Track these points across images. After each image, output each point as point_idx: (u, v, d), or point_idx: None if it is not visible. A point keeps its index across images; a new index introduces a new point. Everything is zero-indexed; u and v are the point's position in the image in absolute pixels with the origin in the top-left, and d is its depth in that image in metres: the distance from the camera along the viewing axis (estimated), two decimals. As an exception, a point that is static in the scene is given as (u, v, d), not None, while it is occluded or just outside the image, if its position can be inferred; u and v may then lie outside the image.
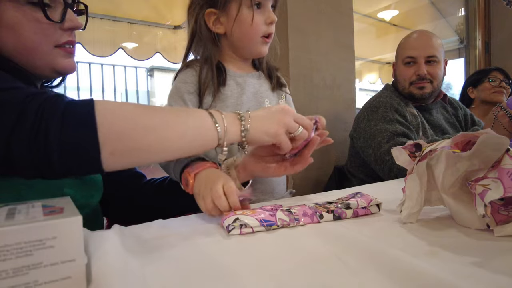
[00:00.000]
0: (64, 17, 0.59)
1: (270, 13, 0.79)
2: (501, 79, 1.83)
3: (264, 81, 0.89)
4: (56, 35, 0.59)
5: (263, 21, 0.79)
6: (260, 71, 0.90)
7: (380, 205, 0.56)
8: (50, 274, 0.29)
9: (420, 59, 1.30)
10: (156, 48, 2.98)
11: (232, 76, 0.85)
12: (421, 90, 1.30)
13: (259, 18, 0.78)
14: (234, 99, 0.83)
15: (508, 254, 0.37)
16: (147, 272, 0.35)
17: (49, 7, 0.57)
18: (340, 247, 0.41)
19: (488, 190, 0.40)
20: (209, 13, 0.80)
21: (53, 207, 0.34)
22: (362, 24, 3.49)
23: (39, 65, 0.58)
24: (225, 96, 0.82)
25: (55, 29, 0.58)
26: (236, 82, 0.85)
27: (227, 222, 0.48)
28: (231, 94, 0.83)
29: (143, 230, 0.50)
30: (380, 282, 0.31)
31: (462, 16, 2.95)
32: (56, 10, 0.59)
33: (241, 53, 0.85)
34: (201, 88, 0.80)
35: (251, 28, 0.78)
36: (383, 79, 4.29)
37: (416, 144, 0.52)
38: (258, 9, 0.78)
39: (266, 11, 0.79)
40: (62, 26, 0.59)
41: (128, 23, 2.89)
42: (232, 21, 0.79)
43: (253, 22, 0.77)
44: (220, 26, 0.81)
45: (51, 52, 0.59)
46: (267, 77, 0.90)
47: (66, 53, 0.61)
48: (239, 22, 0.79)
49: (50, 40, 0.58)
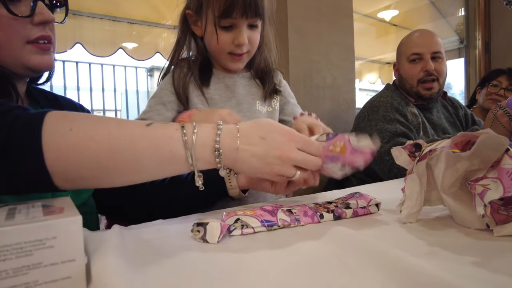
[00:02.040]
0: (34, 11, 0.55)
1: (240, 36, 0.73)
2: (505, 86, 1.74)
3: (256, 84, 0.86)
4: (25, 31, 0.55)
5: (230, 41, 0.74)
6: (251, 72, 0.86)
7: (379, 205, 0.56)
8: (50, 274, 0.29)
9: (426, 55, 1.30)
10: (156, 48, 2.98)
11: (221, 78, 0.82)
12: (429, 91, 1.31)
13: (226, 38, 0.74)
14: (223, 103, 0.80)
15: (508, 254, 0.37)
16: (147, 272, 0.35)
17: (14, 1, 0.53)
18: (340, 247, 0.41)
19: (487, 190, 0.40)
20: (190, 15, 0.79)
21: (53, 207, 0.34)
22: (362, 24, 3.49)
23: (9, 62, 0.55)
24: (214, 101, 0.79)
25: (24, 24, 0.55)
26: (225, 84, 0.82)
27: (229, 222, 0.48)
28: (220, 98, 0.80)
29: (143, 230, 0.50)
30: (380, 282, 0.31)
31: (462, 16, 2.95)
32: (24, 3, 0.55)
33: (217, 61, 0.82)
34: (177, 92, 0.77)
35: (216, 45, 0.75)
36: (383, 79, 4.29)
37: (415, 144, 0.52)
38: (227, 30, 0.74)
39: (237, 32, 0.74)
40: (32, 21, 0.56)
41: (128, 23, 2.89)
42: (203, 31, 0.77)
43: (218, 41, 0.74)
44: (197, 28, 0.79)
45: (22, 48, 0.55)
46: (260, 81, 0.86)
47: (40, 50, 0.57)
48: (206, 36, 0.76)
49: (20, 36, 0.55)
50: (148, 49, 2.98)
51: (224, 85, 0.82)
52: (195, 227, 0.45)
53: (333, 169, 0.53)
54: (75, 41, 2.63)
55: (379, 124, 1.22)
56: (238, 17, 0.72)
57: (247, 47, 0.77)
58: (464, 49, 2.90)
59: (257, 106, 0.84)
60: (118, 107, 4.37)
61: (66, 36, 2.59)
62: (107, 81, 3.97)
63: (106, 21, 2.80)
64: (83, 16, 2.69)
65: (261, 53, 0.84)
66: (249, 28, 0.75)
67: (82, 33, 2.67)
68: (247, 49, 0.77)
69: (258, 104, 0.84)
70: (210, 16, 0.72)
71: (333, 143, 0.51)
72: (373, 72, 4.45)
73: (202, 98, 0.79)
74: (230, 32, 0.74)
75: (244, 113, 0.82)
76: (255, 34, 0.77)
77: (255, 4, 0.71)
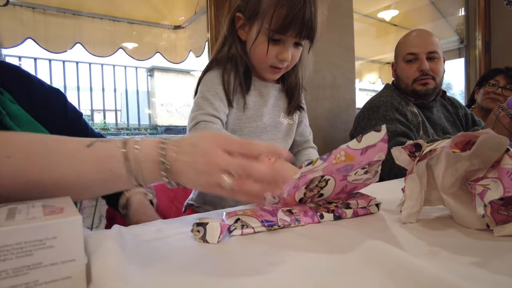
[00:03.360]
0: None
1: (286, 52, 0.75)
2: (503, 85, 1.73)
3: (284, 97, 0.87)
4: None
5: (275, 54, 0.76)
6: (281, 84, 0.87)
7: (379, 205, 0.56)
8: (50, 274, 0.29)
9: (421, 55, 1.30)
10: (156, 48, 2.99)
11: (257, 85, 0.83)
12: (424, 86, 1.30)
13: (273, 50, 0.75)
14: (254, 111, 0.81)
15: (508, 254, 0.37)
16: (147, 272, 0.35)
17: None
18: (340, 247, 0.41)
19: (487, 190, 0.40)
20: (238, 16, 0.79)
21: (53, 207, 0.34)
22: (362, 24, 3.49)
23: None
24: (248, 106, 0.80)
25: None
26: (259, 92, 0.83)
27: (229, 222, 0.48)
28: (253, 105, 0.81)
29: (143, 230, 0.50)
30: (380, 282, 0.31)
31: (462, 16, 2.94)
32: None
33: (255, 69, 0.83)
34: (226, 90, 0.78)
35: (263, 56, 0.76)
36: (383, 79, 4.29)
37: (415, 144, 0.52)
38: (275, 43, 0.75)
39: (283, 47, 0.75)
40: None
41: (128, 23, 2.89)
42: (252, 40, 0.77)
43: (267, 53, 0.75)
44: (243, 33, 0.80)
45: None
46: (288, 95, 0.87)
47: None
48: (255, 46, 0.77)
49: None
50: (148, 49, 2.98)
51: (259, 92, 0.83)
52: (195, 227, 0.45)
53: (359, 177, 0.53)
54: (75, 41, 2.64)
55: (379, 123, 1.22)
56: (292, 36, 0.73)
57: (288, 62, 0.78)
58: (464, 49, 2.89)
59: (280, 118, 0.86)
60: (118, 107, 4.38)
61: (66, 36, 2.60)
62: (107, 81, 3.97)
63: (106, 21, 2.80)
64: (83, 16, 2.69)
65: (295, 68, 0.85)
66: (294, 46, 0.77)
67: (82, 33, 2.67)
68: (287, 64, 0.79)
69: (282, 115, 0.86)
70: (265, 26, 0.73)
71: (334, 157, 0.48)
72: (373, 72, 4.45)
73: (241, 102, 0.80)
74: (277, 45, 0.75)
75: (269, 122, 0.83)
76: (298, 51, 0.79)
77: (310, 27, 0.73)
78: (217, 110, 0.74)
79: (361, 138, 0.47)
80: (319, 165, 0.48)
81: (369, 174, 0.54)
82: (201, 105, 0.75)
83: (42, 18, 2.44)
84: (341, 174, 0.53)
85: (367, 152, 0.48)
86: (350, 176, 0.54)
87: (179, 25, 3.06)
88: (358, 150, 0.48)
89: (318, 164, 0.48)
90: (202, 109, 0.74)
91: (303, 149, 0.93)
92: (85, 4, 2.67)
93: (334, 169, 0.50)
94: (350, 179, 0.54)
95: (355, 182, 0.55)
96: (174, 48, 3.05)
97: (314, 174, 0.50)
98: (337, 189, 0.56)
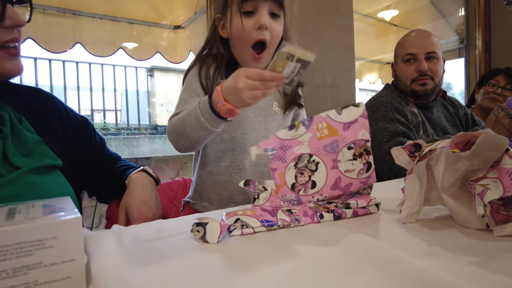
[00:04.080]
0: (4, 14, 0.53)
1: (261, 18, 0.76)
2: (503, 85, 1.73)
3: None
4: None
5: (252, 25, 0.76)
6: None
7: (379, 205, 0.56)
8: (50, 274, 0.29)
9: (420, 55, 1.30)
10: (156, 48, 2.98)
11: None
12: (423, 86, 1.30)
13: (249, 22, 0.77)
14: None
15: (507, 254, 0.37)
16: (147, 272, 0.35)
17: None
18: (340, 247, 0.41)
19: (487, 190, 0.40)
20: (218, 18, 0.82)
21: (53, 207, 0.34)
22: (362, 24, 3.49)
23: None
24: None
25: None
26: None
27: (229, 222, 0.48)
28: None
29: (143, 230, 0.50)
30: (380, 282, 0.31)
31: (462, 16, 2.94)
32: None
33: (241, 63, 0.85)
34: (203, 83, 0.80)
35: (242, 33, 0.77)
36: (383, 79, 4.29)
37: (415, 144, 0.52)
38: (249, 16, 0.77)
39: (258, 15, 0.76)
40: (2, 24, 0.54)
41: (128, 23, 2.89)
42: (229, 27, 0.80)
43: (243, 26, 0.76)
44: (225, 31, 0.82)
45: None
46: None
47: (9, 55, 0.56)
48: (232, 28, 0.79)
49: None
50: (148, 49, 2.98)
51: None
52: (195, 227, 0.45)
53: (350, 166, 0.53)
54: (75, 41, 2.64)
55: (379, 123, 1.22)
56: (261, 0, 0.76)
57: (269, 35, 0.78)
58: (464, 49, 2.89)
59: (274, 107, 0.86)
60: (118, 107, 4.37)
61: (66, 36, 2.59)
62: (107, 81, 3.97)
63: (106, 21, 2.80)
64: (83, 16, 2.69)
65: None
66: (270, 16, 0.78)
67: (82, 33, 2.67)
68: (269, 37, 0.78)
69: (275, 105, 0.86)
70: (234, 6, 0.77)
71: (317, 129, 0.49)
72: (373, 72, 4.45)
73: None
74: (252, 17, 0.77)
75: (260, 111, 0.84)
76: (277, 24, 0.79)
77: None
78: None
79: (341, 111, 0.49)
80: (303, 133, 0.49)
81: (360, 161, 0.54)
82: (177, 107, 0.79)
83: (42, 18, 2.44)
84: (330, 158, 0.53)
85: (350, 129, 0.50)
86: (340, 163, 0.53)
87: (179, 25, 3.06)
88: (340, 124, 0.50)
89: (302, 132, 0.49)
90: (174, 110, 0.78)
91: None
92: (85, 4, 2.67)
93: (321, 147, 0.51)
94: (342, 167, 0.54)
95: (349, 175, 0.55)
96: (174, 48, 3.04)
97: (301, 147, 0.50)
98: (330, 179, 0.55)
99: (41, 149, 0.63)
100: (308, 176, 0.54)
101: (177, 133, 0.71)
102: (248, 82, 0.57)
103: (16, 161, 0.57)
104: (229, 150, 0.81)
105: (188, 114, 0.69)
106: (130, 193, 0.72)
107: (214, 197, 0.83)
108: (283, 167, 0.52)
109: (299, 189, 0.55)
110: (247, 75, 0.58)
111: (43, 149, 0.64)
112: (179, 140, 0.72)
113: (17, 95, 0.67)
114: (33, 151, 0.62)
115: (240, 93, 0.58)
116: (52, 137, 0.68)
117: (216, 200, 0.83)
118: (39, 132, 0.65)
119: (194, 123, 0.67)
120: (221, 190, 0.83)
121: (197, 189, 0.86)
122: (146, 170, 0.78)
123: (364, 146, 0.53)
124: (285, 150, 0.50)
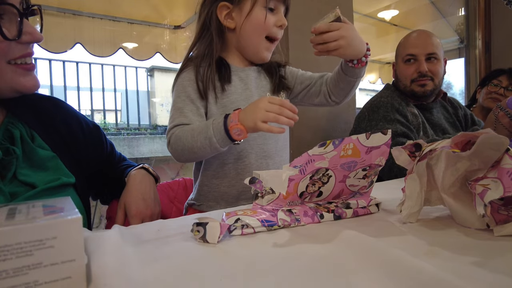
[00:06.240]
0: (21, 30, 0.52)
1: (282, 18, 0.82)
2: (505, 85, 1.73)
3: (265, 77, 0.90)
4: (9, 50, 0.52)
5: (273, 22, 0.81)
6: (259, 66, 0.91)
7: (379, 205, 0.56)
8: (50, 274, 0.29)
9: (420, 56, 1.30)
10: (156, 48, 2.99)
11: (235, 71, 0.86)
12: (422, 87, 1.30)
13: (271, 19, 0.81)
14: (238, 94, 0.84)
15: (508, 254, 0.37)
16: (147, 272, 0.35)
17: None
18: (340, 247, 0.41)
19: (488, 189, 0.40)
20: (222, 6, 0.82)
21: (53, 207, 0.34)
22: (362, 24, 3.49)
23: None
24: (229, 91, 0.83)
25: (9, 43, 0.51)
26: (239, 77, 0.86)
27: (229, 222, 0.48)
28: (235, 90, 0.84)
29: (143, 230, 0.50)
30: (380, 282, 0.31)
31: (462, 16, 2.94)
32: (9, 21, 0.51)
33: (245, 52, 0.86)
34: (200, 86, 0.80)
35: (262, 26, 0.81)
36: (383, 79, 4.29)
37: (415, 144, 0.52)
38: (271, 12, 0.81)
39: (278, 15, 0.82)
40: (20, 40, 0.53)
41: (128, 23, 2.90)
42: (244, 17, 0.81)
43: (265, 21, 0.80)
44: (231, 21, 0.83)
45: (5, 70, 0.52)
46: (267, 74, 0.91)
47: (25, 71, 0.55)
48: (251, 19, 0.80)
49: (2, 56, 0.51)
50: (148, 49, 2.98)
51: (238, 77, 0.86)
52: (195, 227, 0.45)
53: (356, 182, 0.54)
54: (75, 41, 2.64)
55: (379, 124, 1.22)
56: (282, 1, 0.82)
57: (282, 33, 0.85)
58: (464, 49, 2.89)
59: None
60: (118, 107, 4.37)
61: (66, 36, 2.60)
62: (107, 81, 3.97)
63: (106, 21, 2.81)
64: (83, 16, 2.69)
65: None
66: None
67: (82, 33, 2.67)
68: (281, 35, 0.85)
69: (268, 95, 0.88)
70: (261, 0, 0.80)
71: (343, 148, 0.50)
72: (373, 72, 4.45)
73: (222, 89, 0.83)
74: (273, 14, 0.82)
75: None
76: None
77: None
78: (187, 117, 0.78)
79: (370, 136, 0.50)
80: (330, 151, 0.50)
81: (366, 180, 0.55)
82: (173, 117, 0.79)
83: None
84: (342, 174, 0.53)
85: (371, 153, 0.51)
86: (349, 179, 0.54)
87: (179, 25, 3.07)
88: (364, 147, 0.50)
89: (329, 150, 0.50)
90: (173, 121, 0.78)
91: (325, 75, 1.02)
92: (85, 4, 2.67)
93: (339, 164, 0.52)
94: (348, 182, 0.55)
95: (352, 188, 0.56)
96: (174, 48, 3.05)
97: (321, 162, 0.51)
98: (335, 191, 0.56)
99: (55, 165, 0.63)
100: (319, 187, 0.55)
101: (182, 147, 0.73)
102: (269, 104, 0.65)
103: (29, 180, 0.57)
104: (233, 146, 0.81)
105: (198, 132, 0.71)
106: (128, 190, 0.72)
107: (221, 196, 0.83)
108: (299, 178, 0.53)
109: (306, 197, 0.56)
110: (270, 101, 0.66)
111: (57, 165, 0.63)
112: (183, 154, 0.74)
113: (28, 108, 0.65)
114: (47, 168, 0.61)
115: (257, 111, 0.65)
116: (65, 150, 0.67)
117: (223, 199, 0.83)
118: (52, 147, 0.64)
119: (204, 142, 0.70)
120: (228, 189, 0.83)
121: (202, 189, 0.85)
122: (146, 167, 0.78)
123: (376, 170, 0.55)
124: (307, 164, 0.51)
